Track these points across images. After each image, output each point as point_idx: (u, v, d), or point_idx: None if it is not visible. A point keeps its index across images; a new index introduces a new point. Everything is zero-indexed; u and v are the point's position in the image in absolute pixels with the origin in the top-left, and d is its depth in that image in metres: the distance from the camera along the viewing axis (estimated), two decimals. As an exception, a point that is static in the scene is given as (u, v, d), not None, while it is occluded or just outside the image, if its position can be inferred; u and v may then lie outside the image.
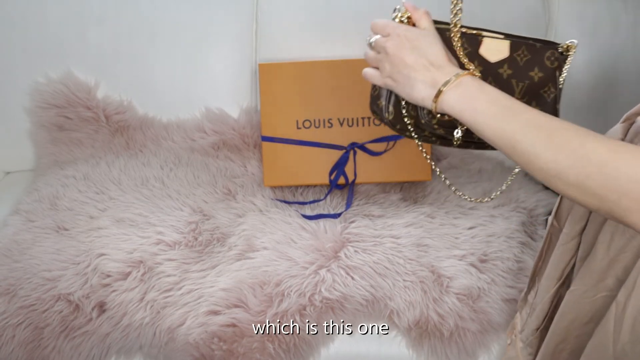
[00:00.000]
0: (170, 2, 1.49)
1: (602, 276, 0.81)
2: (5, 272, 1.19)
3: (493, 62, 0.85)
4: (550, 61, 0.87)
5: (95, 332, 1.13)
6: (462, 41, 0.85)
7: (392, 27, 0.83)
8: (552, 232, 0.97)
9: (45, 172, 1.47)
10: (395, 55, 0.81)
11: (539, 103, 0.88)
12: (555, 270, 0.92)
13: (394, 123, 0.89)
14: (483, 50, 0.85)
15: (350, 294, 1.16)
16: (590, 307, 0.84)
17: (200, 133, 1.53)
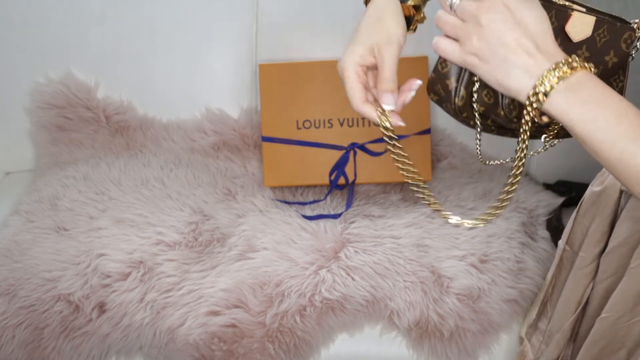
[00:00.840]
0: (171, 2, 1.49)
1: (638, 300, 0.78)
2: (5, 273, 1.19)
3: (575, 41, 0.72)
4: (626, 44, 0.75)
5: (95, 333, 1.13)
6: (551, 14, 0.70)
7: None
8: (564, 257, 0.95)
9: (45, 172, 1.47)
10: (490, 29, 0.61)
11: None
12: (574, 296, 0.89)
13: (462, 110, 0.74)
14: (569, 26, 0.71)
15: (350, 294, 1.16)
16: (625, 332, 0.81)
17: (200, 133, 1.53)
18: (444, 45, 0.66)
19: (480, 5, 0.62)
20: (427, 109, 1.44)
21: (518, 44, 0.61)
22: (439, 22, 0.67)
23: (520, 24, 0.61)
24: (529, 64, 0.61)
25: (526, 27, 0.61)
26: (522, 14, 0.61)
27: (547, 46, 0.61)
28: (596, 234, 0.85)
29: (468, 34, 0.63)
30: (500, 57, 0.62)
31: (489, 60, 0.63)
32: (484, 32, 0.62)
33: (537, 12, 0.62)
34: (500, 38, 0.62)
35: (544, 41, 0.62)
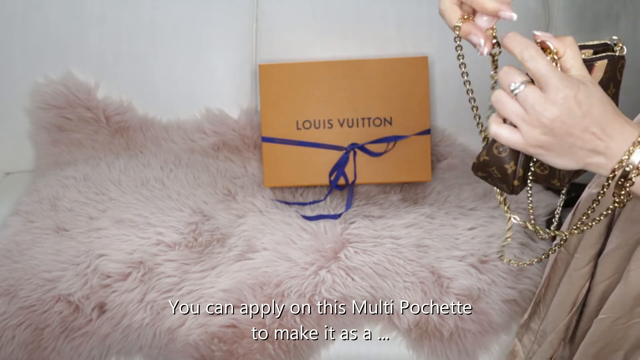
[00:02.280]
0: (171, 3, 1.49)
1: (636, 302, 0.78)
2: (5, 273, 1.19)
3: None
4: (620, 73, 0.75)
5: (95, 333, 1.13)
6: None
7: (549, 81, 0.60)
8: (559, 258, 0.95)
9: (45, 172, 1.47)
10: (555, 125, 0.61)
11: None
12: (569, 297, 0.89)
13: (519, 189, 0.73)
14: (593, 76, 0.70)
15: (350, 294, 1.16)
16: (622, 334, 0.81)
17: (200, 134, 1.53)
18: (506, 135, 0.64)
19: (542, 100, 0.61)
20: (427, 109, 1.44)
21: (584, 132, 0.61)
22: (498, 104, 0.64)
23: (587, 114, 0.61)
24: (596, 145, 0.62)
25: (592, 115, 0.61)
26: (586, 104, 0.61)
27: (611, 124, 0.62)
28: (593, 236, 0.85)
29: (530, 128, 0.62)
30: (567, 145, 0.62)
31: (555, 149, 0.63)
32: (548, 129, 0.61)
33: (596, 95, 0.62)
34: (566, 131, 0.61)
35: (607, 121, 0.62)
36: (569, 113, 0.60)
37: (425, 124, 1.44)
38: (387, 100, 1.42)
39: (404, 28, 1.50)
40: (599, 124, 0.61)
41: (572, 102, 0.60)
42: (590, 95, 0.61)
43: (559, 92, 0.60)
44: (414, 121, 1.43)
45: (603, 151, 0.62)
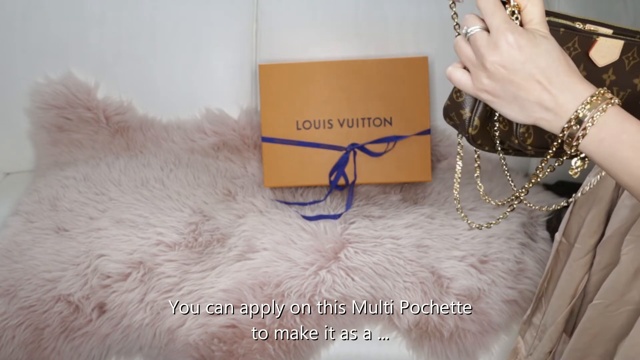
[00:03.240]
0: (171, 3, 1.49)
1: (627, 289, 0.78)
2: (5, 273, 1.19)
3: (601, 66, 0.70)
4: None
5: (95, 333, 1.13)
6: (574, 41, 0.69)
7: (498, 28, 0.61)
8: (560, 249, 0.94)
9: (45, 173, 1.47)
10: (497, 70, 0.62)
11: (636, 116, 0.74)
12: (569, 288, 0.89)
13: (475, 139, 0.73)
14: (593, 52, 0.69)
15: (350, 294, 1.16)
16: (614, 321, 0.80)
17: (200, 134, 1.53)
18: (457, 76, 0.66)
19: (487, 43, 0.62)
20: (427, 110, 1.44)
21: (528, 80, 0.61)
22: (455, 47, 0.65)
23: (528, 60, 0.61)
24: (543, 98, 0.61)
25: (535, 62, 0.61)
26: (529, 50, 0.61)
27: (560, 77, 0.61)
28: (592, 224, 0.85)
29: (477, 72, 0.64)
30: (511, 94, 0.62)
31: (502, 97, 0.63)
32: (491, 73, 0.62)
33: (544, 45, 0.61)
34: (508, 77, 0.61)
35: (555, 73, 0.61)
36: (509, 57, 0.61)
37: (425, 124, 1.44)
38: (387, 100, 1.42)
39: (404, 28, 1.50)
40: (545, 74, 0.61)
41: (513, 46, 0.60)
42: (536, 44, 0.61)
43: (500, 35, 0.61)
44: (414, 121, 1.43)
45: (552, 106, 0.61)
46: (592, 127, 0.60)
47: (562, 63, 0.62)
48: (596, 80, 0.70)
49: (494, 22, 0.61)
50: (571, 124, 0.61)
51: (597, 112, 0.60)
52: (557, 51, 0.62)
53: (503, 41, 0.61)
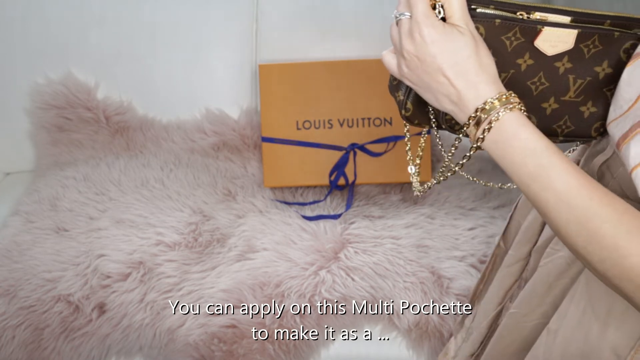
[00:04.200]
0: (171, 3, 1.49)
1: (541, 301, 0.77)
2: (5, 273, 1.19)
3: (551, 55, 0.68)
4: (627, 54, 0.68)
5: (95, 333, 1.13)
6: (514, 31, 0.67)
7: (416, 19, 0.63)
8: (497, 253, 0.94)
9: (45, 173, 1.47)
10: (411, 59, 0.64)
11: (596, 103, 0.72)
12: (497, 294, 0.88)
13: (412, 119, 0.75)
14: (539, 41, 0.67)
15: (350, 295, 1.16)
16: (526, 333, 0.80)
17: (200, 134, 1.53)
18: (386, 60, 0.69)
19: (406, 32, 0.64)
20: (427, 110, 1.44)
21: (436, 73, 0.63)
22: (390, 30, 0.68)
23: (437, 55, 0.63)
24: (449, 92, 0.64)
25: (443, 58, 0.63)
26: (439, 46, 0.62)
27: (466, 75, 0.63)
28: (528, 232, 0.84)
29: (399, 58, 0.66)
30: (425, 84, 0.65)
31: (418, 84, 0.66)
32: (407, 61, 0.65)
33: (456, 42, 0.63)
34: (420, 67, 0.64)
35: (461, 71, 0.63)
36: (421, 49, 0.63)
37: (425, 124, 1.44)
38: (387, 100, 1.42)
39: (404, 28, 1.50)
40: (453, 70, 0.62)
41: (426, 39, 0.62)
42: (449, 39, 0.62)
43: (416, 27, 0.63)
44: (414, 121, 1.43)
45: (456, 100, 0.64)
46: (488, 133, 0.62)
47: (472, 61, 0.63)
48: (548, 68, 0.69)
49: (414, 13, 0.63)
50: (470, 122, 0.63)
51: (494, 115, 0.61)
52: (469, 49, 0.63)
53: (417, 33, 0.63)
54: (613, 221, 0.56)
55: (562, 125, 0.73)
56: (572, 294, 0.72)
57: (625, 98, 0.64)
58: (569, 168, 0.59)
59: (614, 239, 0.56)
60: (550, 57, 0.69)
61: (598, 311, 0.68)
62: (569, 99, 0.70)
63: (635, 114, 0.62)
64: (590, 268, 0.59)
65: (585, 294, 0.70)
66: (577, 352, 0.70)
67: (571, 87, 0.70)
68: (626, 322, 0.66)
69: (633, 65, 0.64)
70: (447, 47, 0.62)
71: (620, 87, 0.66)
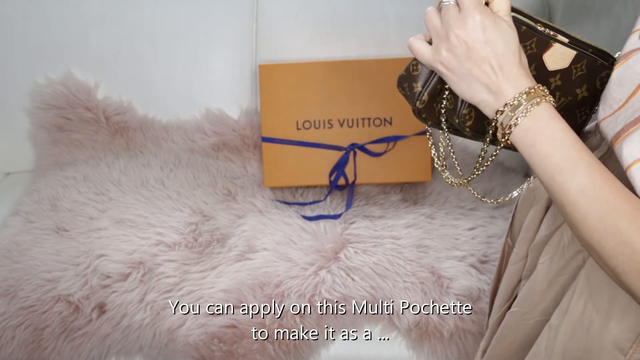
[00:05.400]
0: (171, 3, 1.49)
1: (541, 298, 0.78)
2: (5, 273, 1.19)
3: (550, 70, 0.74)
4: (601, 82, 0.76)
5: (95, 333, 1.13)
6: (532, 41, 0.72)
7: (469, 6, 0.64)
8: (505, 250, 0.94)
9: (45, 173, 1.47)
10: (459, 44, 0.65)
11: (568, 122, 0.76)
12: (505, 291, 0.88)
13: (421, 112, 0.76)
14: (547, 55, 0.73)
15: (350, 295, 1.16)
16: (528, 330, 0.80)
17: (200, 134, 1.53)
18: (417, 46, 0.69)
19: (456, 17, 0.65)
20: (427, 110, 1.44)
21: (483, 61, 0.65)
22: (425, 16, 0.68)
23: (488, 42, 0.65)
24: (490, 82, 0.65)
25: (493, 46, 0.65)
26: (491, 34, 0.64)
27: (510, 66, 0.65)
28: (529, 230, 0.84)
29: (439, 43, 0.67)
30: (465, 70, 0.66)
31: (455, 72, 0.67)
32: (452, 46, 0.66)
33: (506, 34, 0.65)
34: (466, 53, 0.65)
35: (507, 62, 0.65)
36: (473, 34, 0.64)
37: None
38: (387, 100, 1.42)
39: (404, 28, 1.50)
40: (498, 59, 0.65)
41: (478, 26, 0.64)
42: (500, 30, 0.65)
43: (469, 13, 0.64)
44: (414, 121, 1.42)
45: (495, 90, 0.65)
46: (524, 117, 0.64)
47: (516, 55, 0.65)
48: (543, 82, 0.73)
49: (466, 1, 0.65)
50: (506, 109, 0.65)
51: (531, 104, 0.64)
52: (515, 43, 0.66)
53: (470, 19, 0.64)
54: (630, 217, 0.57)
55: None
56: (572, 289, 0.72)
57: (615, 98, 0.66)
58: (594, 164, 0.61)
59: (630, 234, 0.57)
60: (549, 72, 0.74)
61: (599, 306, 0.69)
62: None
63: (626, 113, 0.63)
64: (601, 263, 0.60)
65: (586, 289, 0.70)
66: (579, 347, 0.71)
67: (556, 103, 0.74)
68: (628, 316, 0.67)
69: (623, 67, 0.66)
70: (499, 37, 0.64)
71: (609, 88, 0.68)
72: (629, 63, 0.66)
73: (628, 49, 0.68)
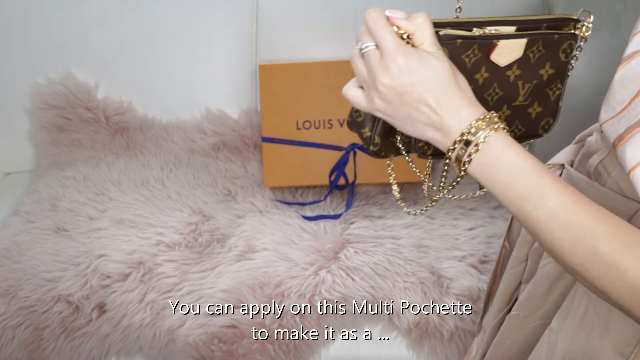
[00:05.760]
0: (171, 3, 1.49)
1: (541, 302, 0.77)
2: (5, 273, 1.19)
3: (504, 65, 0.70)
4: (565, 54, 0.72)
5: (95, 333, 1.13)
6: (473, 48, 0.68)
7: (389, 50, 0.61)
8: (504, 253, 0.94)
9: (45, 173, 1.47)
10: (387, 91, 0.62)
11: (541, 103, 0.75)
12: (504, 294, 0.88)
13: (378, 152, 0.74)
14: (495, 55, 0.69)
15: (350, 295, 1.16)
16: (528, 334, 0.80)
17: (200, 134, 1.53)
18: (351, 95, 0.67)
19: (378, 63, 0.62)
20: (427, 110, 1.44)
21: (418, 102, 0.61)
22: (351, 63, 0.66)
23: (418, 83, 0.60)
24: (432, 121, 0.62)
25: (424, 85, 0.60)
26: (419, 74, 0.60)
27: (449, 99, 0.61)
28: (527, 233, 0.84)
29: (370, 91, 0.64)
30: (404, 114, 0.62)
31: (395, 116, 0.64)
32: (382, 94, 0.62)
33: (435, 68, 0.61)
34: (398, 99, 0.62)
35: (444, 96, 0.61)
36: (399, 80, 0.61)
37: (425, 124, 1.44)
38: (387, 101, 1.42)
39: (404, 28, 1.50)
40: (433, 96, 0.61)
41: (403, 70, 0.60)
42: (427, 66, 0.60)
43: (391, 58, 0.61)
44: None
45: (440, 127, 0.62)
46: (476, 154, 0.60)
47: (451, 85, 0.61)
48: (500, 78, 0.71)
49: (384, 45, 0.61)
50: (456, 146, 0.61)
51: (481, 137, 0.60)
52: (448, 73, 0.61)
53: (393, 64, 0.60)
54: (609, 237, 0.55)
55: (514, 130, 0.74)
56: (573, 293, 0.72)
57: (618, 100, 0.65)
58: (560, 186, 0.58)
59: (613, 255, 0.55)
60: (503, 67, 0.70)
61: (600, 310, 0.69)
62: (519, 103, 0.72)
63: (629, 115, 0.62)
64: (588, 285, 0.58)
65: (586, 294, 0.70)
66: (579, 351, 0.70)
67: (520, 92, 0.73)
68: (628, 321, 0.66)
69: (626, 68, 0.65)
70: (428, 74, 0.60)
71: (612, 89, 0.66)
72: (632, 64, 0.65)
73: (631, 51, 0.67)
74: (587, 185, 0.71)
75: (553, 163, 0.81)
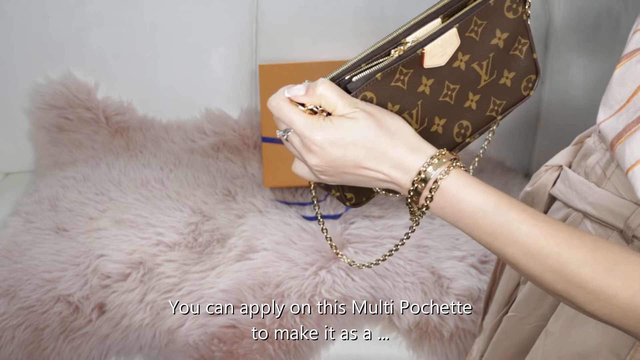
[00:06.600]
0: (171, 3, 1.49)
1: (539, 303, 0.76)
2: (5, 273, 1.19)
3: (445, 64, 0.64)
4: (512, 11, 0.66)
5: (95, 334, 1.13)
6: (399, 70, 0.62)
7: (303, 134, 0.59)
8: None
9: (45, 173, 1.47)
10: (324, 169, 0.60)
11: (511, 68, 0.68)
12: (503, 295, 0.87)
13: (356, 204, 0.71)
14: (428, 61, 0.63)
15: (350, 295, 1.16)
16: (525, 335, 0.79)
17: (200, 134, 1.53)
18: (298, 171, 0.66)
19: (301, 147, 0.60)
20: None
21: (355, 167, 0.59)
22: (287, 148, 0.64)
23: (346, 153, 0.58)
24: (380, 177, 0.60)
25: (354, 151, 0.58)
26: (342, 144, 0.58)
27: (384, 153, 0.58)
28: None
29: (309, 168, 0.62)
30: (351, 178, 0.61)
31: (344, 181, 0.62)
32: (320, 170, 0.60)
33: (356, 129, 0.58)
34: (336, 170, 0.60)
35: (379, 151, 0.58)
36: (326, 157, 0.59)
37: (425, 124, 1.44)
38: (387, 101, 1.42)
39: (404, 28, 1.50)
40: (369, 157, 0.58)
41: (325, 146, 0.58)
42: (347, 130, 0.58)
43: (308, 141, 0.59)
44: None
45: (389, 180, 0.60)
46: (431, 202, 0.58)
47: (381, 139, 0.58)
48: (450, 74, 0.65)
49: (297, 129, 0.59)
50: (411, 194, 0.59)
51: (432, 184, 0.57)
52: (372, 130, 0.58)
53: (313, 145, 0.58)
54: (590, 263, 0.53)
55: (494, 108, 0.69)
56: None
57: (617, 98, 0.64)
58: (527, 219, 0.55)
59: (597, 282, 0.53)
60: (445, 65, 0.64)
61: None
62: (485, 83, 0.67)
63: (628, 113, 0.61)
64: (580, 311, 0.57)
65: None
66: (575, 353, 0.70)
67: (481, 72, 0.67)
68: None
69: (625, 65, 0.65)
70: (349, 140, 0.58)
71: (610, 87, 0.65)
72: (632, 62, 0.64)
73: (631, 48, 0.67)
74: (584, 187, 0.70)
75: (551, 164, 0.81)
